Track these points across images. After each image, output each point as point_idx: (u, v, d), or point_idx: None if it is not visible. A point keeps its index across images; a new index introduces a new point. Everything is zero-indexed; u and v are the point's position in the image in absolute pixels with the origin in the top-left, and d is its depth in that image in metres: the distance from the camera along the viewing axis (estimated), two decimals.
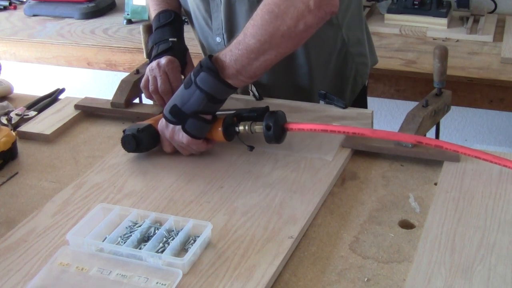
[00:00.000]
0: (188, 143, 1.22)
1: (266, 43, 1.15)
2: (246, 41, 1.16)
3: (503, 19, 2.21)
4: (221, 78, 1.18)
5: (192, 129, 1.21)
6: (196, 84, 1.18)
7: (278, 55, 1.18)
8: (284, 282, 0.95)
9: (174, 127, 1.22)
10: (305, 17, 1.14)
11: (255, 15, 1.17)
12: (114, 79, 2.29)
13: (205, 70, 1.17)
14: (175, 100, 1.22)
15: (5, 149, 1.28)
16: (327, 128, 1.18)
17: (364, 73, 1.57)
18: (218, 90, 1.19)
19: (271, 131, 1.18)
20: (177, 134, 1.22)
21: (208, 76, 1.17)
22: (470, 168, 1.18)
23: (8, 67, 2.07)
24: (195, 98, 1.19)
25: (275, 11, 1.14)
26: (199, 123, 1.21)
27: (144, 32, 1.52)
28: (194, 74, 1.19)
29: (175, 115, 1.21)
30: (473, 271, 0.93)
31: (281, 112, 1.21)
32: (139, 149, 1.26)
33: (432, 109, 1.26)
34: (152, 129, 1.27)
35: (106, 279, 0.94)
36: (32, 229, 1.07)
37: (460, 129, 2.60)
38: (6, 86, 1.63)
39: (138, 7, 2.36)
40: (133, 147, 1.26)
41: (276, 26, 1.14)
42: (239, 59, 1.17)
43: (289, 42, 1.17)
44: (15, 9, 2.61)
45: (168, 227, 1.03)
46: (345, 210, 1.10)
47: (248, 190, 1.15)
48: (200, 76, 1.18)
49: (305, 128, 1.20)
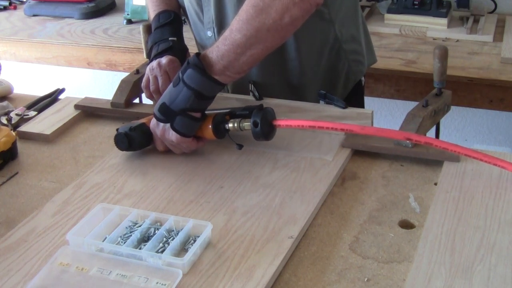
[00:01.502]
0: (178, 141, 1.23)
1: (252, 38, 1.15)
2: (232, 37, 1.16)
3: (503, 19, 2.21)
4: (208, 75, 1.18)
5: (180, 127, 1.21)
6: (183, 82, 1.18)
7: (265, 49, 1.18)
8: (284, 282, 0.95)
9: (164, 125, 1.23)
10: (290, 10, 1.14)
11: (241, 10, 1.17)
12: (114, 79, 2.29)
13: (192, 67, 1.18)
14: (164, 98, 1.22)
15: (5, 149, 1.28)
16: (315, 124, 1.18)
17: (358, 71, 1.56)
18: (206, 86, 1.19)
19: (258, 127, 1.18)
20: (167, 132, 1.23)
21: (195, 73, 1.17)
22: (470, 168, 1.18)
23: (8, 67, 2.07)
24: (182, 96, 1.19)
25: (260, 5, 1.14)
26: (187, 121, 1.21)
27: (144, 32, 1.52)
28: (181, 71, 1.20)
29: (164, 113, 1.21)
30: (473, 271, 0.93)
31: (269, 108, 1.22)
32: (131, 148, 1.27)
33: (432, 109, 1.26)
34: (145, 128, 1.27)
35: (106, 279, 0.94)
36: (32, 229, 1.07)
37: (460, 129, 2.60)
38: (6, 86, 1.63)
39: (138, 7, 2.35)
40: (126, 146, 1.26)
41: (261, 20, 1.14)
42: (225, 54, 1.17)
43: (275, 35, 1.17)
44: (15, 9, 2.61)
45: (168, 227, 1.03)
46: (345, 210, 1.10)
47: (248, 190, 1.15)
48: (187, 73, 1.18)
49: (293, 125, 1.20)
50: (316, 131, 1.31)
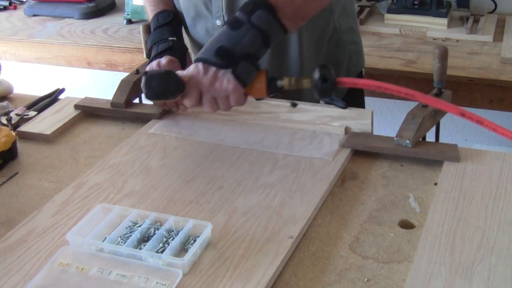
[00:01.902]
0: (234, 90, 1.12)
1: None
2: None
3: (503, 19, 2.21)
4: (278, 17, 1.13)
5: (243, 74, 1.11)
6: (250, 23, 1.12)
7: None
8: (284, 282, 0.95)
9: (216, 72, 1.11)
10: None
11: None
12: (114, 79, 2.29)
13: (262, 8, 1.12)
14: (220, 42, 1.12)
15: (5, 149, 1.28)
16: (381, 85, 1.09)
17: (358, 62, 1.57)
18: (274, 30, 1.14)
19: (328, 82, 1.09)
20: (220, 80, 1.11)
21: (265, 14, 1.12)
22: (470, 168, 1.18)
23: (8, 67, 2.07)
24: (249, 38, 1.11)
25: None
26: (250, 67, 1.11)
27: (144, 32, 1.52)
28: (246, 13, 1.13)
29: (224, 58, 1.10)
30: (473, 271, 0.93)
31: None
32: (164, 94, 1.12)
33: (432, 109, 1.26)
34: (176, 76, 1.13)
35: (106, 279, 0.94)
36: (32, 229, 1.07)
37: (460, 129, 2.60)
38: (6, 86, 1.63)
39: (138, 7, 2.35)
40: (162, 89, 1.11)
41: None
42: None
43: None
44: (15, 9, 2.61)
45: (168, 227, 1.03)
46: (345, 210, 1.10)
47: (248, 190, 1.15)
48: (257, 14, 1.12)
49: (359, 83, 1.14)
50: (316, 131, 1.32)
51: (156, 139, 1.34)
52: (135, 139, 1.35)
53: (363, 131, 1.30)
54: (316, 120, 1.34)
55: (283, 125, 1.35)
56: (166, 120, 1.42)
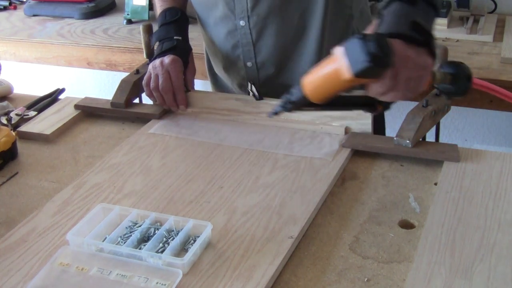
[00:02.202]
0: (430, 67, 0.99)
1: None
2: None
3: (503, 19, 2.21)
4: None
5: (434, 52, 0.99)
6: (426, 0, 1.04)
7: None
8: (284, 282, 0.95)
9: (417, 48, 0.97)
10: None
11: None
12: (114, 79, 2.30)
13: None
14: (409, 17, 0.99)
15: (5, 149, 1.28)
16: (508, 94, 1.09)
17: None
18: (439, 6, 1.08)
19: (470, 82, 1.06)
20: (422, 56, 0.97)
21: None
22: (470, 168, 1.18)
23: (8, 67, 2.08)
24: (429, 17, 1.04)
25: None
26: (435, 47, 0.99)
27: (144, 32, 1.52)
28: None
29: (422, 33, 0.98)
30: (473, 271, 0.93)
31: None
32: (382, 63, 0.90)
33: (432, 109, 1.26)
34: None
35: (106, 279, 0.94)
36: (32, 229, 1.07)
37: (460, 129, 2.60)
38: (6, 86, 1.63)
39: (138, 7, 2.36)
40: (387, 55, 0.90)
41: None
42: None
43: None
44: (15, 9, 2.61)
45: (168, 227, 1.03)
46: (345, 210, 1.10)
47: (248, 190, 1.15)
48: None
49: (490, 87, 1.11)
50: (316, 131, 1.32)
51: (156, 139, 1.35)
52: (135, 139, 1.35)
53: (363, 131, 1.30)
54: (316, 120, 1.34)
55: (283, 125, 1.35)
56: (166, 120, 1.42)
